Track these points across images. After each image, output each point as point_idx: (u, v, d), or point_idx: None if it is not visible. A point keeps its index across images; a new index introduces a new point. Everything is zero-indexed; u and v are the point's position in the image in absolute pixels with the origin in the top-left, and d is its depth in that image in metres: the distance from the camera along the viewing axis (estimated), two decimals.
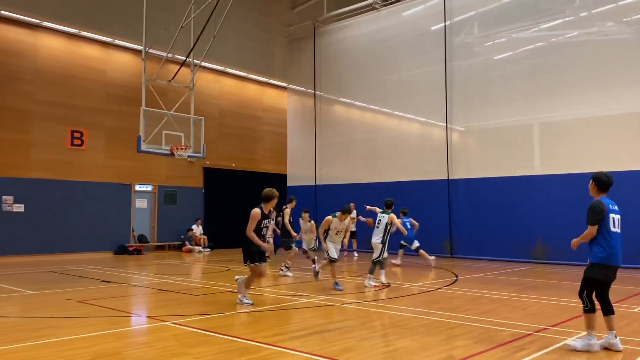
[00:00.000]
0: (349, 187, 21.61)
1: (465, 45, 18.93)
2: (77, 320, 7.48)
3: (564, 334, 6.49)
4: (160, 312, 8.17)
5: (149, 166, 21.42)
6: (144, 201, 21.66)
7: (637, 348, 5.79)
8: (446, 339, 6.37)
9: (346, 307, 8.60)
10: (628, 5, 15.59)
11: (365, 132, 21.81)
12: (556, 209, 16.07)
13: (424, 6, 20.31)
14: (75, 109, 19.55)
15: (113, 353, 5.66)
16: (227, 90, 24.76)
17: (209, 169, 23.64)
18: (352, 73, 22.43)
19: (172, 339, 6.29)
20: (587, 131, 15.81)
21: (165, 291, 10.59)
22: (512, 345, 5.91)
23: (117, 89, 20.66)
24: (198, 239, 22.07)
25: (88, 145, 19.82)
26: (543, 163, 16.85)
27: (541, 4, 17.29)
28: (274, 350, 5.75)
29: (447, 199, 18.72)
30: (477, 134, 18.78)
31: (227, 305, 8.74)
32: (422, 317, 7.67)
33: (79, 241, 19.21)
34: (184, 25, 17.19)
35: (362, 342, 6.13)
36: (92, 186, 19.77)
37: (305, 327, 7.09)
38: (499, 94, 17.86)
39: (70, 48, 19.64)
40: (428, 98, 19.65)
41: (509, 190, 17.21)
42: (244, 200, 24.79)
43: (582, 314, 5.87)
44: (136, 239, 21.09)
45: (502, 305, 8.74)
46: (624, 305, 8.64)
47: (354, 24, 22.59)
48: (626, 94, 15.30)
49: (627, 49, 15.42)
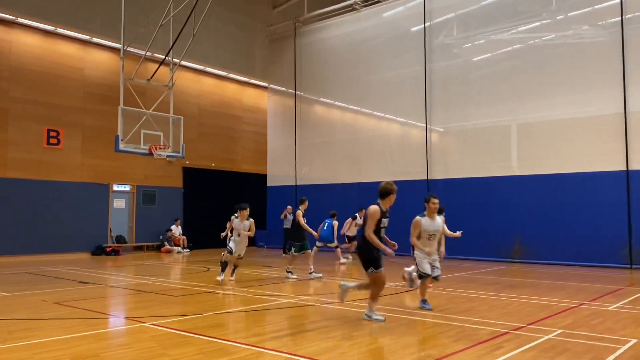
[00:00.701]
0: (329, 187, 21.65)
1: (444, 46, 19.09)
2: (53, 322, 7.36)
3: (540, 332, 6.59)
4: (139, 313, 8.09)
5: (127, 166, 21.18)
6: (122, 201, 21.41)
7: (611, 345, 5.90)
8: (425, 337, 6.42)
9: (326, 307, 8.61)
10: (603, 9, 15.89)
11: (346, 133, 21.87)
12: (533, 209, 16.33)
13: (404, 7, 20.43)
14: (52, 108, 19.24)
15: (91, 355, 5.59)
16: (207, 89, 24.61)
17: (188, 169, 23.46)
18: (332, 73, 22.47)
19: (151, 340, 6.23)
20: (564, 132, 16.08)
21: (144, 292, 10.48)
22: (490, 344, 5.99)
23: (95, 88, 20.39)
24: (177, 240, 21.89)
25: (65, 145, 19.51)
26: (520, 164, 17.09)
27: (519, 7, 17.54)
28: (254, 350, 5.74)
29: None
30: (456, 135, 18.96)
31: (206, 305, 8.69)
32: (401, 316, 7.72)
33: (55, 242, 18.90)
34: (163, 24, 17.04)
35: (342, 342, 6.15)
36: (69, 186, 19.48)
37: (285, 327, 7.08)
38: (477, 95, 18.06)
39: (47, 45, 19.32)
40: (408, 99, 19.78)
41: (488, 191, 17.42)
42: (224, 200, 24.83)
43: (558, 312, 5.96)
44: (114, 239, 20.84)
45: (481, 304, 8.84)
46: (598, 303, 8.80)
47: (334, 25, 22.63)
48: (601, 96, 15.60)
49: (602, 51, 15.72)
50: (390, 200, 7.60)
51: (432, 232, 8.26)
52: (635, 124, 14.93)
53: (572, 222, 15.58)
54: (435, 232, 8.30)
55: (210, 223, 24.07)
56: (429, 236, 8.21)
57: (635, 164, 14.88)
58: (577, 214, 15.50)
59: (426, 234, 8.19)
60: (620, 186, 14.97)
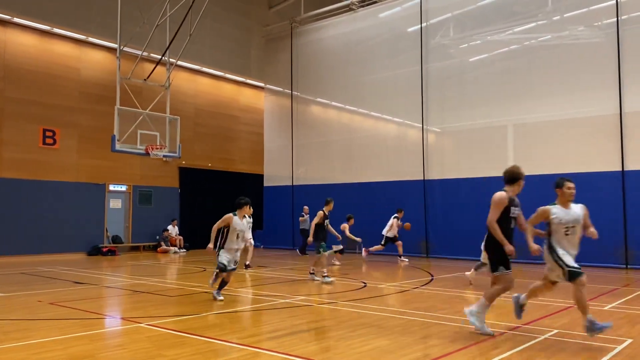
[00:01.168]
0: (326, 187, 21.63)
1: (441, 47, 19.11)
2: (49, 323, 7.34)
3: (537, 332, 6.60)
4: (135, 314, 8.07)
5: (124, 166, 21.13)
6: (118, 201, 21.36)
7: (606, 345, 5.92)
8: (422, 338, 6.43)
9: (323, 308, 8.61)
10: (599, 10, 15.93)
11: (342, 133, 21.86)
12: (529, 209, 16.32)
13: (401, 8, 20.45)
14: (48, 108, 19.18)
15: (87, 355, 5.57)
16: (203, 89, 24.57)
17: (184, 169, 23.43)
18: (329, 73, 22.47)
19: (147, 340, 6.22)
20: (560, 133, 16.12)
21: (140, 292, 10.46)
22: (487, 344, 6.00)
23: (91, 88, 20.33)
24: (174, 240, 21.86)
25: (61, 145, 19.46)
26: (517, 164, 17.08)
27: (515, 8, 17.57)
28: (250, 351, 5.73)
29: (423, 199, 18.88)
30: (453, 135, 18.99)
31: (202, 306, 8.67)
32: (398, 316, 7.73)
33: (51, 242, 18.84)
34: (159, 24, 17.02)
35: (339, 342, 6.15)
36: (65, 186, 19.42)
37: (281, 327, 7.07)
38: (473, 96, 18.08)
39: (43, 45, 19.26)
40: (404, 99, 19.80)
41: (484, 191, 17.29)
42: (221, 200, 24.77)
43: (555, 312, 5.98)
44: (110, 239, 20.79)
45: None
46: (594, 303, 8.83)
47: (331, 25, 22.63)
48: (597, 96, 15.64)
49: (597, 52, 15.76)
50: (519, 186, 6.93)
51: (571, 223, 6.51)
52: (630, 125, 14.98)
53: None
54: (575, 223, 6.48)
55: (206, 223, 23.92)
56: (566, 230, 6.51)
57: (630, 165, 14.92)
58: None
59: (562, 227, 6.54)
60: (616, 187, 15.01)
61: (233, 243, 9.01)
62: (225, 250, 8.94)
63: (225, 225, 9.00)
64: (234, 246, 9.02)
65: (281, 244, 23.18)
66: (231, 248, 8.96)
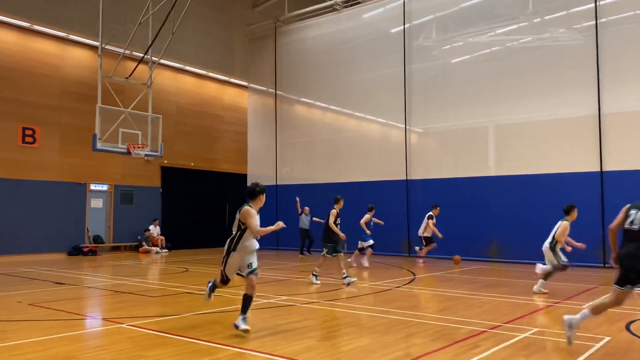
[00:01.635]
0: (309, 187, 21.65)
1: (424, 48, 19.25)
2: (28, 324, 7.25)
3: (517, 330, 6.69)
4: (116, 314, 8.01)
5: (105, 165, 20.91)
6: (99, 201, 21.14)
7: (585, 343, 6.01)
8: (404, 337, 6.48)
9: (306, 307, 8.62)
10: (578, 13, 16.18)
11: (326, 133, 21.90)
12: (510, 209, 16.55)
13: (384, 9, 20.55)
14: (28, 106, 18.90)
15: (67, 357, 5.52)
16: (186, 88, 24.43)
17: (167, 168, 23.26)
18: (313, 73, 22.48)
19: (129, 341, 6.18)
20: (540, 134, 16.34)
21: (121, 293, 10.38)
22: (467, 343, 6.06)
23: (73, 86, 20.09)
24: (155, 240, 21.69)
25: (41, 143, 19.19)
26: (498, 164, 17.33)
27: (497, 10, 17.76)
28: (233, 351, 5.72)
29: (406, 199, 19.00)
30: (435, 136, 19.14)
31: (185, 306, 8.63)
32: (380, 315, 7.77)
33: (30, 242, 18.57)
34: (142, 22, 16.88)
35: (322, 342, 6.17)
36: (45, 185, 19.16)
37: (264, 327, 7.07)
38: (456, 97, 18.24)
39: (22, 42, 18.98)
40: (388, 99, 19.90)
41: (466, 191, 17.60)
42: (203, 200, 24.72)
43: (534, 311, 6.06)
44: (91, 239, 20.56)
45: (458, 303, 8.93)
46: (573, 302, 8.96)
47: (315, 25, 22.65)
48: (576, 98, 15.88)
49: (577, 54, 16.00)
50: None
51: None
52: (609, 126, 15.23)
53: (547, 222, 15.76)
54: None
55: (189, 223, 23.95)
56: None
57: (609, 165, 15.18)
58: (552, 214, 15.62)
59: None
60: (595, 187, 15.25)
61: (251, 242, 6.85)
62: (237, 252, 6.74)
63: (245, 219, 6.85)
64: (252, 246, 6.88)
65: (265, 244, 23.08)
66: (246, 246, 6.78)
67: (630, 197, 12.06)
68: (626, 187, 14.53)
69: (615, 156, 15.13)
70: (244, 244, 6.72)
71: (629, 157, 14.91)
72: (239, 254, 6.70)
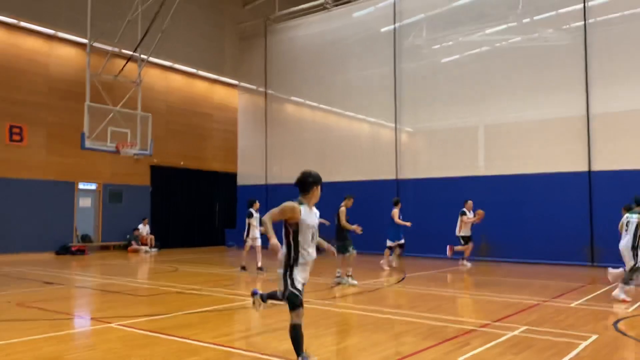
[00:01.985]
0: None
1: (413, 47, 19.29)
2: (16, 324, 7.18)
3: (506, 328, 6.72)
4: (105, 314, 7.95)
5: (94, 164, 20.73)
6: (88, 200, 20.97)
7: (574, 341, 6.06)
8: (394, 335, 6.49)
9: None
10: (567, 14, 16.29)
11: (316, 132, 21.89)
12: (499, 208, 16.63)
13: (374, 8, 20.56)
14: (15, 104, 18.69)
15: (55, 357, 5.47)
16: (176, 86, 24.29)
17: (156, 167, 23.12)
18: (303, 72, 22.46)
19: (118, 341, 6.14)
20: (529, 134, 16.44)
21: (110, 292, 10.31)
22: (457, 341, 6.08)
23: (61, 84, 19.89)
24: (144, 239, 21.56)
25: (29, 142, 19.00)
26: (487, 164, 17.42)
27: (486, 10, 17.84)
28: (222, 350, 5.70)
29: None
30: (425, 135, 19.19)
31: (174, 305, 8.59)
32: (370, 314, 7.78)
33: (18, 241, 18.37)
34: (130, 20, 16.77)
35: (312, 340, 6.16)
36: (33, 184, 18.97)
37: (253, 326, 7.06)
38: (445, 96, 18.30)
39: (9, 39, 18.76)
40: (378, 99, 19.93)
41: (455, 190, 17.64)
42: (193, 199, 24.62)
43: (523, 309, 6.10)
44: (79, 238, 20.40)
45: (448, 301, 8.97)
46: (561, 300, 9.03)
47: (305, 23, 22.62)
48: (565, 98, 16.00)
49: (565, 55, 16.12)
50: None
51: None
52: (597, 126, 15.36)
53: (536, 221, 15.94)
54: None
55: (178, 222, 23.84)
56: None
57: (597, 165, 15.31)
58: (541, 213, 15.86)
59: None
60: (583, 186, 15.38)
61: (309, 252, 5.10)
62: (300, 267, 5.02)
63: (292, 220, 5.13)
64: (310, 256, 5.11)
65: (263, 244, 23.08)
66: (306, 261, 5.07)
67: (618, 198, 12.19)
68: (614, 187, 14.67)
69: (603, 156, 15.26)
70: (304, 252, 5.08)
71: (617, 158, 15.04)
72: (302, 268, 5.07)
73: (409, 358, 5.44)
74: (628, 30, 15.27)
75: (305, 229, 5.09)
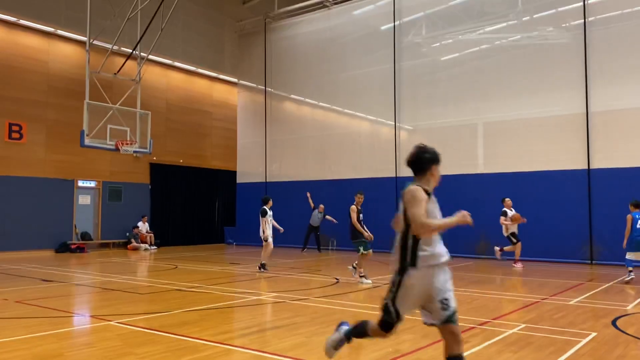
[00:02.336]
0: (299, 184, 21.63)
1: (413, 45, 19.29)
2: (15, 322, 7.18)
3: (505, 326, 6.73)
4: (105, 312, 7.96)
5: (93, 161, 20.74)
6: (87, 197, 20.97)
7: (572, 339, 6.07)
8: (393, 333, 6.48)
9: (295, 304, 8.62)
10: (567, 12, 16.29)
11: (316, 130, 21.89)
12: (498, 206, 16.62)
13: (374, 6, 20.55)
14: (14, 101, 18.68)
15: (54, 355, 5.47)
16: (175, 84, 24.27)
17: (155, 165, 23.12)
18: (303, 70, 22.45)
19: (117, 338, 6.14)
20: (528, 131, 16.44)
21: (109, 290, 10.31)
22: None
23: (60, 81, 19.88)
24: (144, 237, 21.57)
25: (28, 139, 18.99)
26: (486, 162, 17.42)
27: (486, 8, 17.83)
28: (222, 348, 5.71)
29: (395, 196, 19.01)
30: (424, 133, 19.16)
31: (174, 303, 8.60)
32: (369, 312, 7.78)
33: (17, 239, 18.37)
34: (130, 17, 16.75)
35: (311, 338, 6.17)
36: (32, 182, 18.97)
37: (253, 324, 7.07)
38: (445, 94, 18.31)
39: (8, 37, 18.74)
40: (377, 97, 19.94)
41: (454, 188, 17.62)
42: (192, 197, 24.62)
43: (522, 307, 6.11)
44: (79, 236, 20.40)
45: None
46: (560, 298, 9.04)
47: (305, 21, 22.60)
48: (565, 96, 16.00)
49: (565, 53, 16.13)
50: None
51: None
52: (596, 124, 15.37)
53: (535, 220, 15.93)
54: None
55: (178, 220, 23.85)
56: None
57: (596, 163, 15.32)
58: (540, 211, 15.86)
59: None
60: (582, 184, 15.39)
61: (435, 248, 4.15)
62: (420, 270, 3.96)
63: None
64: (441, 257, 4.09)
65: (254, 241, 22.96)
66: (433, 256, 4.04)
67: (617, 195, 12.18)
68: (613, 185, 14.69)
69: (602, 154, 15.27)
70: (426, 252, 3.92)
71: (616, 155, 15.06)
72: (423, 274, 3.87)
73: (408, 356, 5.45)
74: (627, 28, 15.28)
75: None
